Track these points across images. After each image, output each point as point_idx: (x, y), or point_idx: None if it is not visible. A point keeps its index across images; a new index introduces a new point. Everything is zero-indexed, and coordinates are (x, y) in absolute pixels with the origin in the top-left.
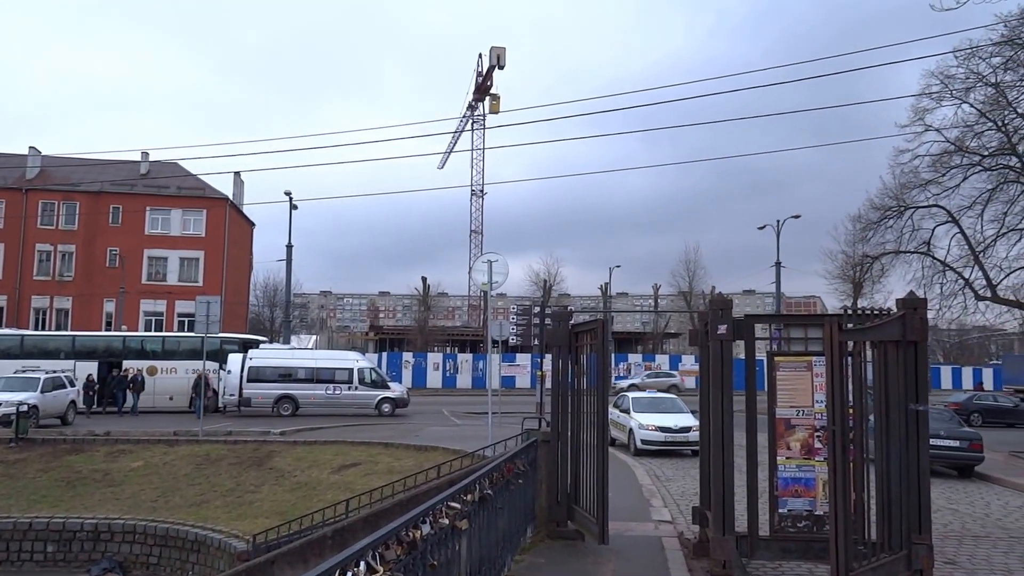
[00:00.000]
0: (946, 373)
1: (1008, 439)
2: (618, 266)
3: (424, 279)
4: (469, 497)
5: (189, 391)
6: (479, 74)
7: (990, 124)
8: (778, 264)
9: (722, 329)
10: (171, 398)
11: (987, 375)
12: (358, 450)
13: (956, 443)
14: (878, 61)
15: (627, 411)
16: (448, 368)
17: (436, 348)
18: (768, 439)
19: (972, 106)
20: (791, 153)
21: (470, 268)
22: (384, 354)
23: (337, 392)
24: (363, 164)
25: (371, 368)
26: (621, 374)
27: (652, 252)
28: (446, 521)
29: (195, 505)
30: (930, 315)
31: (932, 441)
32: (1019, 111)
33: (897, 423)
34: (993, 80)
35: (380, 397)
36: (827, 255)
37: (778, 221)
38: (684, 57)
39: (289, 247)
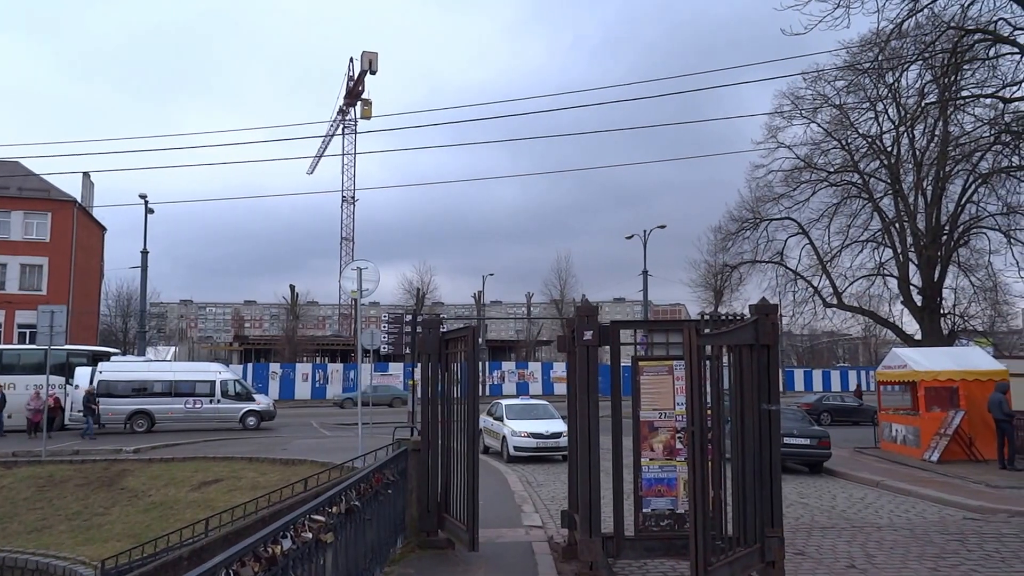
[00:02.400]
0: (799, 376)
1: (853, 436)
2: (491, 274)
3: (292, 287)
4: (335, 509)
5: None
6: (351, 78)
7: (835, 143)
8: (645, 273)
9: (588, 335)
10: (10, 416)
11: (835, 377)
12: (220, 466)
13: (807, 441)
14: (731, 82)
15: (500, 418)
16: (318, 378)
17: (305, 358)
18: (633, 441)
19: (819, 126)
20: (652, 168)
21: (340, 276)
22: (250, 365)
23: (198, 406)
24: (229, 171)
25: (235, 380)
26: (495, 382)
27: (525, 261)
28: (309, 535)
29: (36, 531)
30: (784, 321)
31: (786, 439)
32: (860, 131)
33: (751, 422)
34: (838, 102)
35: (245, 410)
36: (691, 264)
37: (644, 231)
38: (545, 76)
39: (144, 253)
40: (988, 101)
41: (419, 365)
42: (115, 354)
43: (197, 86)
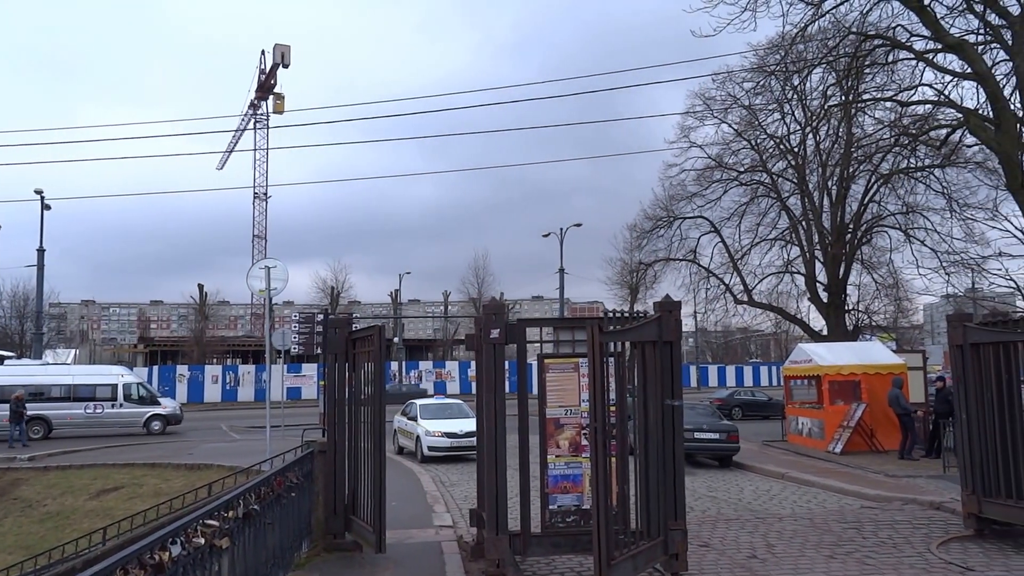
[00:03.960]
0: (713, 372)
1: (762, 430)
2: (408, 272)
3: (201, 287)
4: (231, 514)
5: None
6: (262, 71)
7: (745, 143)
8: (561, 271)
9: (495, 333)
10: None
11: (747, 373)
12: (121, 473)
13: (717, 435)
14: (643, 83)
15: (415, 418)
16: (228, 381)
17: (215, 360)
18: (539, 439)
19: (730, 126)
20: (566, 167)
21: (247, 275)
22: (155, 368)
23: (99, 411)
24: (135, 166)
25: (138, 383)
26: (413, 381)
27: (442, 259)
28: (202, 540)
29: None
30: (698, 317)
31: (696, 434)
32: (768, 132)
33: (655, 418)
34: (747, 103)
35: (149, 414)
36: (608, 262)
37: (561, 229)
38: (459, 75)
39: (41, 251)
40: (888, 104)
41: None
42: (10, 357)
43: (100, 77)
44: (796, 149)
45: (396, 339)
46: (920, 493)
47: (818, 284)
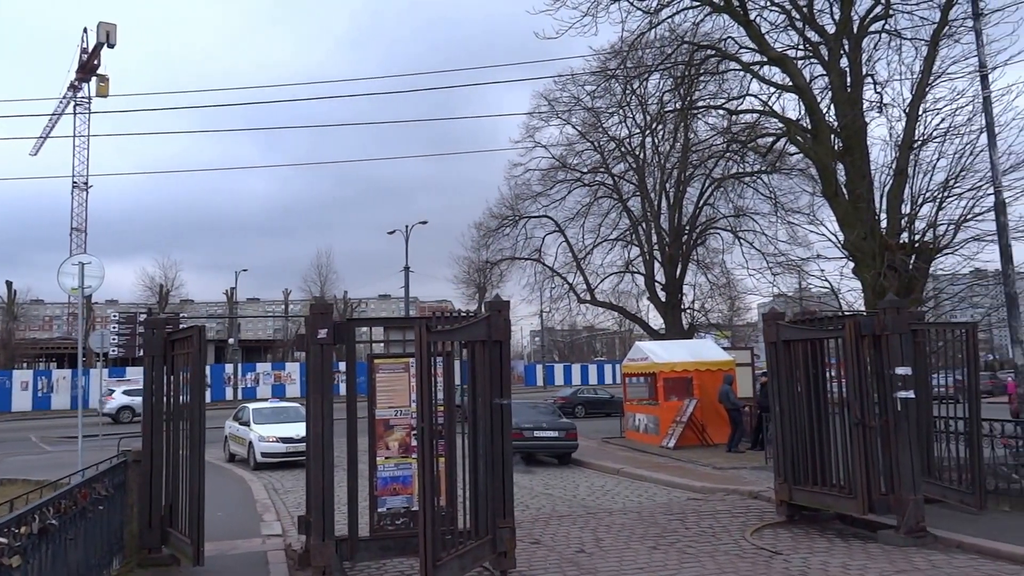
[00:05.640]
0: (559, 370)
1: (603, 427)
2: (245, 270)
3: (9, 284)
4: (24, 529)
5: None
6: (84, 51)
7: (588, 144)
8: (407, 269)
9: (322, 333)
10: None
11: (592, 371)
12: None
13: (556, 433)
14: (484, 82)
15: (247, 423)
16: (41, 387)
17: (26, 364)
18: (368, 440)
19: (574, 127)
20: (411, 164)
21: (58, 271)
22: None
23: None
24: None
25: None
26: (249, 385)
27: (283, 257)
28: None
29: None
30: (543, 316)
31: (536, 432)
32: (611, 134)
33: (484, 417)
34: (589, 105)
35: None
36: (455, 260)
37: (407, 227)
38: (296, 67)
39: None
40: (720, 112)
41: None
42: None
43: None
44: (636, 152)
45: (231, 340)
46: (742, 484)
47: (656, 283)
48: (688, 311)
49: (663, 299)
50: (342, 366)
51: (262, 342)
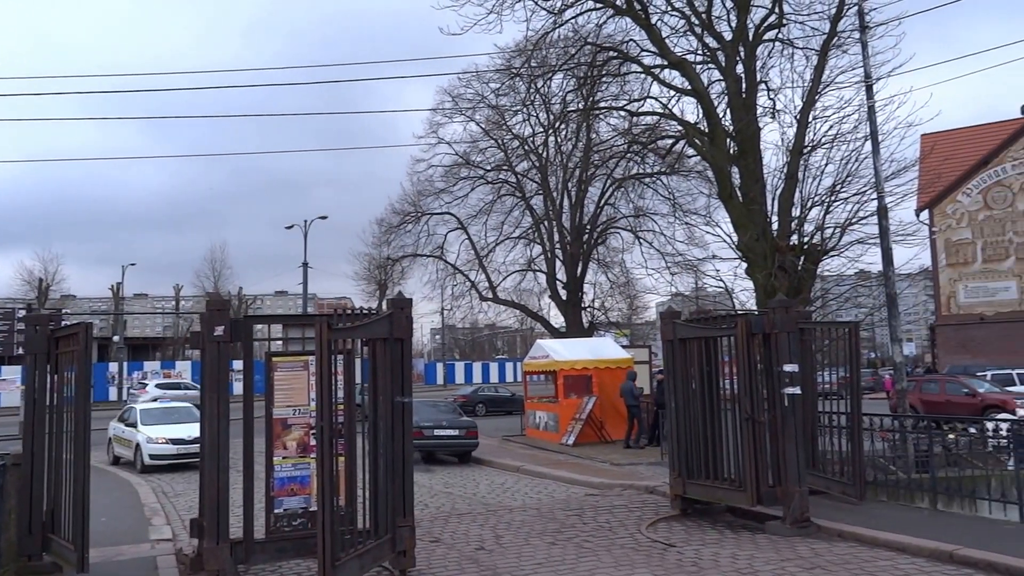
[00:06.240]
0: (460, 368)
1: (504, 425)
2: (133, 264)
3: None
4: None
5: None
6: None
7: (492, 142)
8: (305, 265)
9: (219, 331)
10: None
11: (493, 369)
12: None
13: (456, 432)
14: (386, 76)
15: (134, 424)
16: None
17: None
18: (265, 440)
19: (478, 124)
20: (309, 158)
21: None
22: None
23: None
24: None
25: None
26: (134, 384)
27: (174, 251)
28: None
29: None
30: (445, 314)
31: (436, 431)
32: (514, 132)
33: (385, 415)
34: (494, 103)
35: None
36: (355, 256)
37: (305, 222)
38: (190, 57)
39: None
40: (621, 113)
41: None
42: None
43: None
44: (539, 150)
45: (116, 337)
46: (639, 479)
47: (558, 282)
48: (588, 309)
49: (564, 297)
50: (237, 364)
51: (151, 340)
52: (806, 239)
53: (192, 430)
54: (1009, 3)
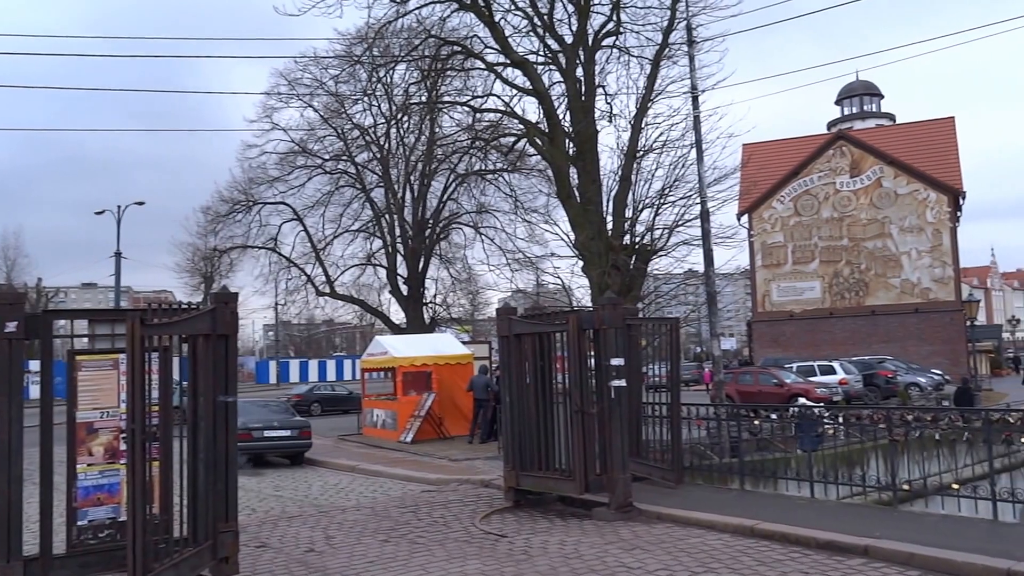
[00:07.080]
0: (295, 367)
1: (340, 424)
2: None
3: None
4: None
5: None
6: None
7: (331, 130)
8: (118, 254)
9: (11, 327)
10: None
11: (331, 367)
12: None
13: (288, 432)
14: (211, 55)
15: None
16: None
17: None
18: (67, 447)
19: (316, 111)
20: (125, 138)
21: None
22: None
23: None
24: None
25: None
26: None
27: None
28: None
29: None
30: (279, 309)
31: (266, 432)
32: (355, 121)
33: (206, 415)
34: (334, 89)
35: None
36: (177, 247)
37: (119, 207)
38: None
39: None
40: (465, 108)
41: None
42: None
43: None
44: (381, 141)
45: None
46: (475, 474)
47: (399, 277)
48: (430, 305)
49: (405, 293)
50: (34, 365)
51: None
52: (638, 239)
53: None
54: (817, 27)
